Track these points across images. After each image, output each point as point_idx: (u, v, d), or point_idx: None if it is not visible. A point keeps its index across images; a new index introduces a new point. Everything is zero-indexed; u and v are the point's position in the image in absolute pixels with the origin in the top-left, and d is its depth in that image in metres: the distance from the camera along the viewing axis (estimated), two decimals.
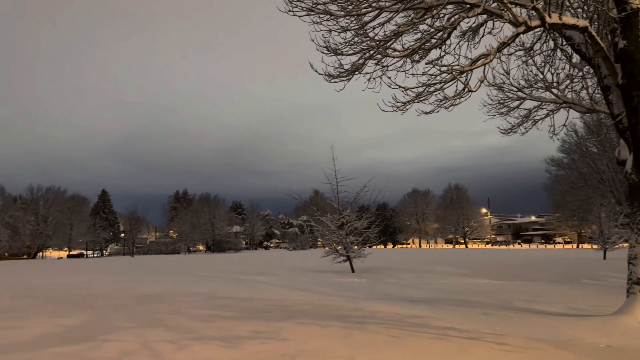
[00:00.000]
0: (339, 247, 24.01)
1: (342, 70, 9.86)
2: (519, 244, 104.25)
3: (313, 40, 9.56)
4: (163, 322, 9.15)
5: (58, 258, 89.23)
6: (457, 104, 9.79)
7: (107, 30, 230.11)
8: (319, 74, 10.19)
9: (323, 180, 24.66)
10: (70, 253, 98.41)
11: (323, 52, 9.82)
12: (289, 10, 8.91)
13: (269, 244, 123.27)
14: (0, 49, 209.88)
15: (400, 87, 9.08)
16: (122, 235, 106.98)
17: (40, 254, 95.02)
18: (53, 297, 14.07)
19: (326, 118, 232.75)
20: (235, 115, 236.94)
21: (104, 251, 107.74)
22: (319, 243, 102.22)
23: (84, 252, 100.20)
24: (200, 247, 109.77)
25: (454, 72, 8.52)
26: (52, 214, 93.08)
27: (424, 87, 9.15)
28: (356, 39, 9.36)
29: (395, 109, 9.63)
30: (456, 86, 9.02)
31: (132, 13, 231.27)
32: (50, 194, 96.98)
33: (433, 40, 9.51)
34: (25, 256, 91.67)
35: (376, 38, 9.27)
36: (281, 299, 12.98)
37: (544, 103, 12.74)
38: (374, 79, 9.73)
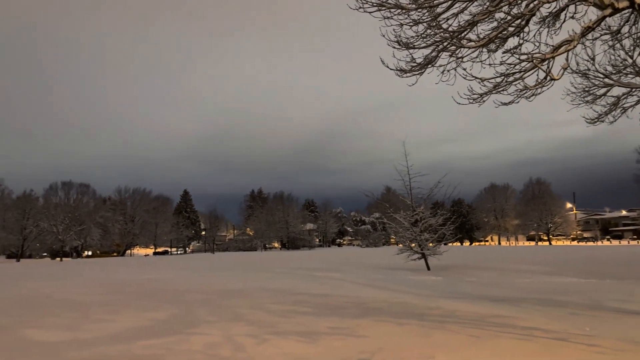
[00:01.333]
0: (413, 245, 23.64)
1: (415, 64, 9.68)
2: (608, 240, 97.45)
3: (384, 36, 9.47)
4: (244, 317, 9.47)
5: (145, 255, 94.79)
6: (539, 94, 9.31)
7: (186, 35, 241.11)
8: (390, 69, 10.06)
9: (395, 176, 24.36)
10: (156, 250, 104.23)
11: (394, 47, 9.70)
12: (359, 7, 8.88)
13: (341, 241, 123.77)
14: (95, 61, 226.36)
15: (476, 78, 8.80)
16: (203, 233, 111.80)
17: (129, 251, 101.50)
18: (142, 292, 14.97)
19: (397, 114, 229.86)
20: (308, 114, 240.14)
21: (187, 248, 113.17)
22: (392, 240, 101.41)
23: (168, 250, 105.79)
24: (276, 245, 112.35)
25: (534, 60, 8.12)
26: (139, 213, 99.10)
27: (502, 77, 8.80)
28: (429, 31, 9.15)
29: (471, 101, 9.34)
30: (537, 75, 8.59)
31: (209, 17, 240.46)
32: (136, 194, 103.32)
33: (510, 29, 9.10)
34: (115, 254, 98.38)
35: (450, 29, 9.01)
36: (356, 295, 13.01)
37: (634, 90, 11.80)
38: (448, 71, 9.47)
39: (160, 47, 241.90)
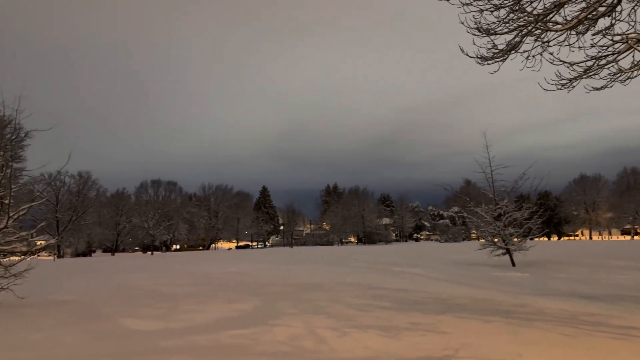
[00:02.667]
0: (497, 240, 22.74)
1: (496, 51, 9.27)
2: None
3: (463, 23, 9.15)
4: (324, 310, 9.60)
5: (228, 249, 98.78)
6: (635, 77, 8.60)
7: (264, 35, 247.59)
8: (470, 57, 9.72)
9: (475, 169, 23.54)
10: (238, 244, 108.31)
11: (474, 34, 9.35)
12: None
13: (419, 236, 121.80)
14: (180, 65, 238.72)
15: (564, 62, 8.28)
16: (281, 227, 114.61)
17: (213, 245, 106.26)
18: (227, 284, 15.62)
19: (476, 104, 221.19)
20: (383, 107, 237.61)
21: (266, 243, 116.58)
22: (473, 235, 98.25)
23: (250, 244, 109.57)
24: (352, 239, 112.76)
25: (629, 41, 7.50)
26: (222, 209, 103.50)
27: (594, 61, 8.21)
28: (511, 15, 8.72)
29: (559, 87, 8.80)
30: (633, 56, 7.93)
31: (284, 16, 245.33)
32: (219, 191, 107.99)
33: (601, 9, 8.46)
34: (200, 247, 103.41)
35: (534, 12, 8.54)
36: (436, 291, 12.75)
37: None
38: (533, 56, 8.98)
39: (239, 48, 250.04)
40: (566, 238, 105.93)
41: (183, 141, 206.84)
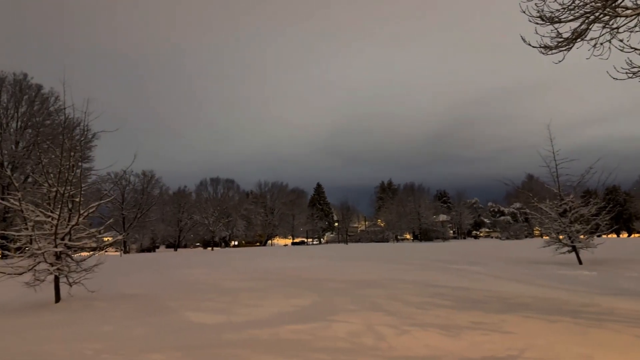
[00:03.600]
0: (562, 237, 21.76)
1: (561, 40, 8.88)
2: None
3: (524, 12, 8.84)
4: (382, 307, 9.54)
5: (284, 245, 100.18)
6: None
7: (316, 32, 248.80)
8: (533, 47, 9.38)
9: (538, 163, 22.61)
10: (294, 241, 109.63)
11: (537, 23, 9.01)
12: None
13: (478, 233, 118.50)
14: (234, 66, 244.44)
15: (636, 49, 7.80)
16: (336, 224, 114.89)
17: (270, 241, 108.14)
18: (284, 280, 15.84)
19: (537, 95, 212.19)
20: (438, 101, 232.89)
21: (321, 239, 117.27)
22: (536, 232, 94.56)
23: (305, 240, 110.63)
24: (407, 236, 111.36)
25: None
26: (277, 206, 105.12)
27: None
28: (577, 1, 8.32)
29: (630, 75, 8.30)
30: None
31: (337, 13, 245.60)
32: (275, 188, 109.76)
33: None
34: (257, 243, 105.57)
35: None
36: (498, 290, 12.37)
37: None
38: (601, 44, 8.54)
39: (293, 48, 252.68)
40: (637, 235, 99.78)
41: (240, 140, 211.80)
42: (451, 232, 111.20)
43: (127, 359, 5.91)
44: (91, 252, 12.57)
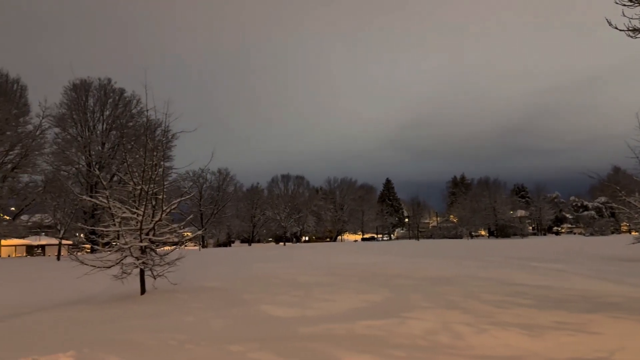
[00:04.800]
0: None
1: None
2: None
3: None
4: (458, 305, 9.29)
5: (354, 241, 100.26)
6: None
7: (383, 27, 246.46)
8: (620, 30, 8.75)
9: (625, 154, 21.01)
10: (363, 236, 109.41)
11: (624, 5, 8.40)
12: None
13: (559, 229, 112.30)
14: (297, 65, 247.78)
15: None
16: (406, 220, 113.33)
17: (339, 237, 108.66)
18: (356, 275, 15.85)
19: (622, 82, 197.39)
20: (513, 91, 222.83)
21: (391, 235, 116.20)
22: (623, 227, 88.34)
23: (375, 236, 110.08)
24: (482, 232, 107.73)
25: None
26: (347, 202, 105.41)
27: None
28: None
29: None
30: None
31: (406, 6, 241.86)
32: (344, 184, 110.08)
33: None
34: (327, 239, 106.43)
35: None
36: (584, 288, 11.66)
37: None
38: None
39: (364, 44, 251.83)
40: None
41: (310, 137, 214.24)
42: (530, 228, 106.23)
43: (209, 349, 6.15)
44: (173, 247, 13.23)
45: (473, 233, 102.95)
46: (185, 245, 13.64)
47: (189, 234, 19.05)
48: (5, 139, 46.66)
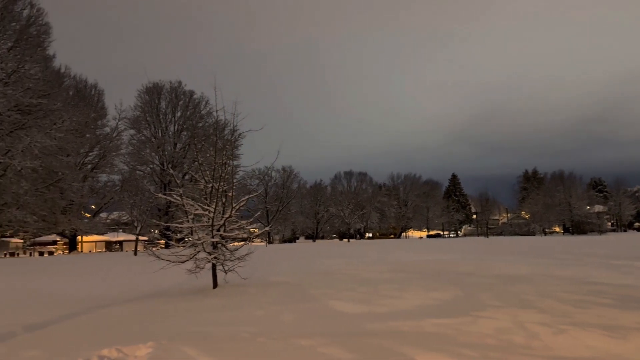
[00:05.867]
0: None
1: None
2: None
3: None
4: (533, 304, 8.93)
5: (419, 238, 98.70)
6: None
7: (442, 20, 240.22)
8: None
9: None
10: (429, 233, 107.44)
11: None
12: None
13: None
14: (359, 61, 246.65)
15: None
16: (474, 216, 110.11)
17: (404, 234, 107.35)
18: (423, 272, 15.60)
19: None
20: (589, 80, 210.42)
21: (458, 232, 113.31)
22: None
23: (440, 233, 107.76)
24: (556, 229, 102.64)
25: None
26: (411, 198, 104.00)
27: None
28: None
29: None
30: None
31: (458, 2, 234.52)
32: (407, 180, 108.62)
33: None
34: (391, 236, 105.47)
35: None
36: None
37: None
38: None
39: (424, 36, 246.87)
40: None
41: (372, 134, 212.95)
42: (609, 224, 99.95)
43: (280, 343, 6.29)
44: (242, 243, 13.63)
45: (547, 230, 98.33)
46: (253, 241, 14.01)
47: (255, 230, 19.54)
48: (85, 141, 49.95)
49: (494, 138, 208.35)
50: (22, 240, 63.72)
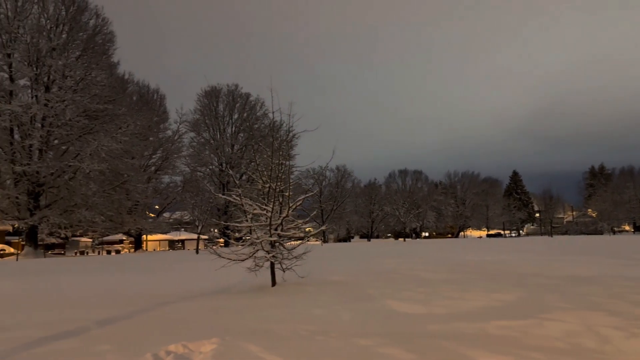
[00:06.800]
0: None
1: None
2: None
3: None
4: (603, 307, 8.49)
5: (478, 237, 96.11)
6: None
7: (501, 14, 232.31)
8: None
9: None
10: (489, 232, 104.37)
11: None
12: None
13: None
14: (417, 59, 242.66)
15: None
16: (537, 215, 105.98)
17: (462, 233, 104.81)
18: (484, 273, 15.17)
19: None
20: None
21: (520, 231, 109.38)
22: None
23: (501, 232, 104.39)
24: (627, 227, 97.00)
25: None
26: (469, 196, 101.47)
27: None
28: None
29: None
30: None
31: None
32: (465, 178, 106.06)
33: None
34: (449, 235, 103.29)
35: None
36: None
37: None
38: None
39: (475, 30, 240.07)
40: None
41: (427, 131, 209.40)
42: None
43: (339, 341, 6.32)
44: (299, 242, 13.79)
45: (615, 228, 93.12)
46: (309, 240, 14.14)
47: (311, 229, 19.71)
48: (148, 144, 52.22)
49: (557, 133, 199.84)
50: (91, 240, 67.52)
